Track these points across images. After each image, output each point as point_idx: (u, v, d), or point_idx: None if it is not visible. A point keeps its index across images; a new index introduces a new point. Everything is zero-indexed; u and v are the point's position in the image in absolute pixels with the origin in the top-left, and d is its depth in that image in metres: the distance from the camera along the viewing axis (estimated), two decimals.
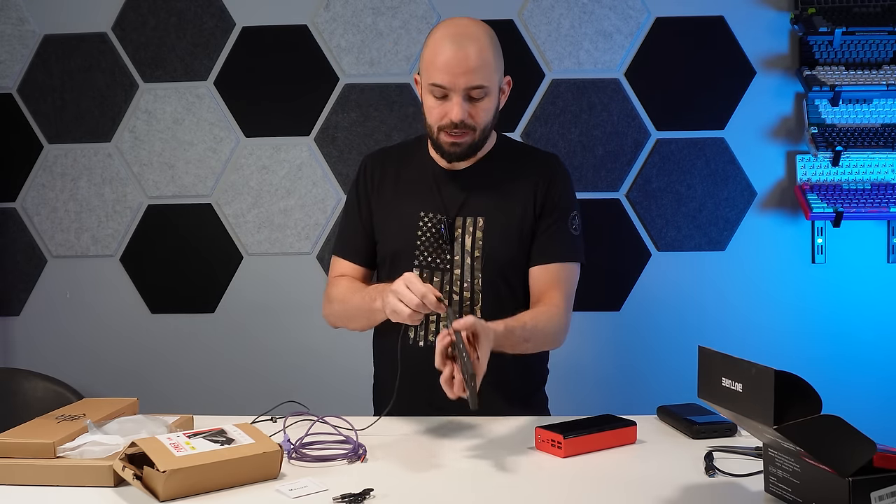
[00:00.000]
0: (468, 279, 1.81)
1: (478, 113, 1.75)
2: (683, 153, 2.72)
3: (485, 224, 1.82)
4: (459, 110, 1.73)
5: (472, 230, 1.82)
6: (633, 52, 2.72)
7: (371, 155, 1.99)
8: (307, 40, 2.77)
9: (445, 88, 1.73)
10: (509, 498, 1.31)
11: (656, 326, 2.74)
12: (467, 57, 1.71)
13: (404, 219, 1.86)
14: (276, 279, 2.81)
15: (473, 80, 1.72)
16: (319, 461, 1.47)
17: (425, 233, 1.83)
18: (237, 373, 2.82)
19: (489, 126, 1.81)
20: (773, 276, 2.71)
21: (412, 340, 1.84)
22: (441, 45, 1.73)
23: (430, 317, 1.81)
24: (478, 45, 1.72)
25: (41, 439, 1.39)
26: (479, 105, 1.75)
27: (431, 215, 1.84)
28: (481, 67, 1.72)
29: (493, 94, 1.77)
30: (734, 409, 1.19)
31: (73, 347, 2.85)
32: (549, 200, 1.85)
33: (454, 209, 1.84)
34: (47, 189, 2.84)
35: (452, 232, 1.82)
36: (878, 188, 2.64)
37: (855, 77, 2.60)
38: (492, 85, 1.75)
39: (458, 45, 1.71)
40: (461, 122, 1.73)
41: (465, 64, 1.70)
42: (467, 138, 1.77)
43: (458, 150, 1.79)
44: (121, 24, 2.80)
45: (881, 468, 1.10)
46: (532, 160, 1.91)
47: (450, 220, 1.82)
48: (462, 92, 1.72)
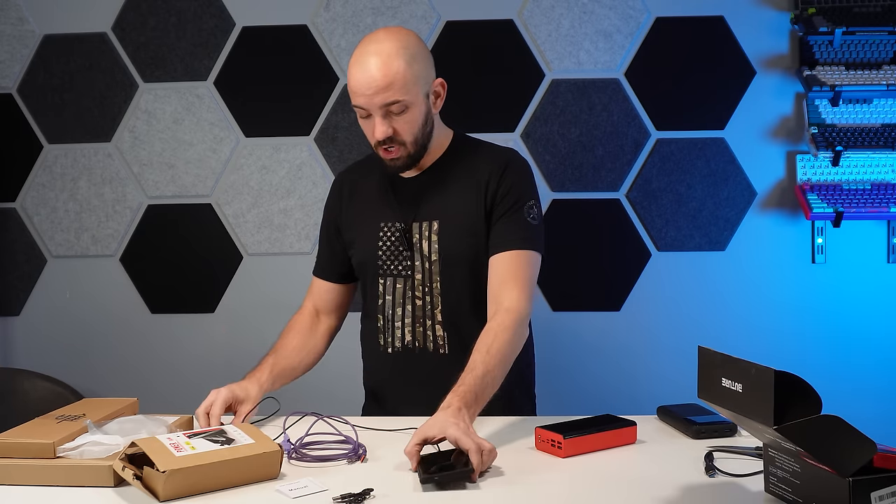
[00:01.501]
0: (427, 283, 1.82)
1: (402, 127, 1.73)
2: (683, 153, 2.72)
3: (439, 227, 1.82)
4: (381, 129, 1.72)
5: (429, 234, 1.83)
6: (633, 52, 2.72)
7: (343, 172, 2.05)
8: (307, 40, 2.77)
9: (364, 109, 1.73)
10: (509, 498, 1.31)
11: (656, 326, 2.74)
12: (374, 76, 1.67)
13: (367, 229, 1.89)
14: (276, 279, 2.81)
15: (387, 98, 1.69)
16: (319, 461, 1.47)
17: (385, 241, 1.86)
18: (237, 373, 2.80)
19: (421, 136, 1.77)
20: (773, 276, 2.71)
21: (381, 348, 1.89)
22: (352, 67, 1.71)
23: (396, 322, 1.85)
24: (383, 61, 1.68)
25: (41, 439, 1.39)
26: (401, 119, 1.72)
27: (390, 224, 1.86)
28: (392, 83, 1.68)
29: (415, 106, 1.73)
30: (734, 409, 1.19)
31: (73, 347, 2.85)
32: (501, 192, 1.81)
33: (410, 215, 1.85)
34: (47, 189, 2.84)
35: (410, 238, 1.83)
36: (878, 188, 2.64)
37: (855, 77, 2.60)
38: (410, 97, 1.71)
39: (364, 64, 1.69)
40: (387, 138, 1.73)
41: (373, 84, 1.68)
42: (401, 152, 1.76)
43: (397, 164, 1.79)
44: (121, 24, 2.80)
45: (881, 468, 1.10)
46: (483, 157, 1.87)
47: (406, 227, 1.84)
48: (379, 111, 1.71)
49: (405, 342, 1.85)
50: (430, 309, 1.83)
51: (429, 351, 1.84)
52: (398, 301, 1.84)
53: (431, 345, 1.83)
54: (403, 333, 1.85)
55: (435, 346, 1.83)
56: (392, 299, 1.85)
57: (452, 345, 1.82)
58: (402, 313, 1.84)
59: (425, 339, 1.84)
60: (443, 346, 1.83)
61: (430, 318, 1.82)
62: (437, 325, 1.82)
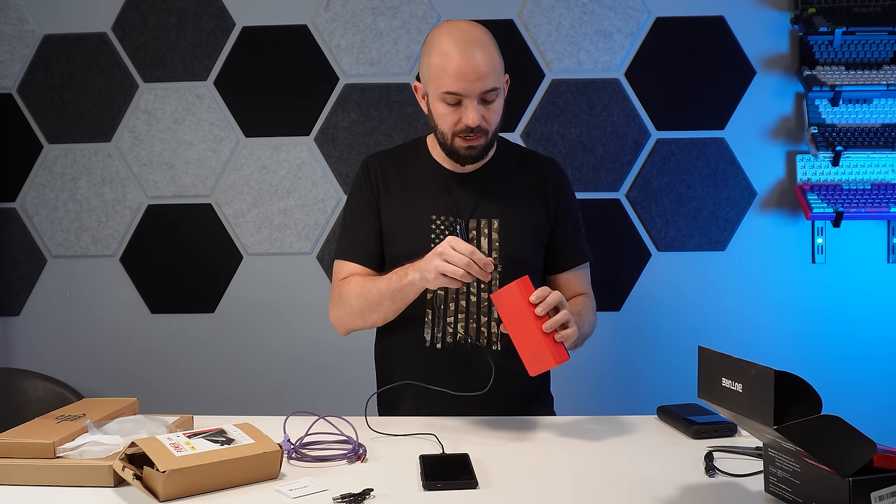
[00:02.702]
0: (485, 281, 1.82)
1: (490, 115, 1.79)
2: (683, 153, 2.72)
3: (500, 225, 1.85)
4: (476, 115, 1.75)
5: (488, 231, 1.85)
6: (633, 52, 2.72)
7: (371, 157, 1.98)
8: (307, 40, 2.77)
9: (460, 95, 1.74)
10: (510, 498, 1.31)
11: (656, 326, 2.74)
12: (479, 63, 1.73)
13: (415, 222, 1.86)
14: (276, 279, 2.81)
15: (487, 84, 1.74)
16: (319, 461, 1.47)
17: (438, 235, 1.84)
18: (237, 373, 2.82)
19: (499, 126, 1.84)
20: (773, 276, 2.71)
21: (429, 343, 1.84)
22: (451, 53, 1.74)
23: (448, 319, 1.83)
24: (485, 49, 1.75)
25: (41, 439, 1.39)
26: (491, 107, 1.78)
27: (444, 217, 1.85)
28: (492, 71, 1.74)
29: (501, 95, 1.81)
30: (734, 409, 1.19)
31: (73, 347, 2.85)
32: (563, 207, 1.93)
33: (467, 211, 1.86)
34: (47, 189, 2.84)
35: (468, 234, 1.85)
36: (878, 188, 2.64)
37: (855, 77, 2.60)
38: (501, 85, 1.80)
39: (468, 51, 1.73)
40: (477, 126, 1.76)
41: (478, 70, 1.72)
42: (482, 141, 1.80)
43: (474, 152, 1.81)
44: (121, 24, 2.80)
45: (881, 468, 1.10)
46: (536, 164, 1.97)
47: (465, 222, 1.85)
48: (477, 97, 1.75)
49: (457, 338, 1.84)
50: (486, 305, 1.83)
51: (481, 347, 1.83)
52: (451, 296, 1.84)
53: (485, 341, 1.84)
54: (456, 329, 1.84)
55: (489, 342, 1.84)
56: (445, 294, 1.84)
57: (505, 341, 1.82)
58: (455, 308, 1.84)
59: (478, 335, 1.84)
60: (496, 342, 1.84)
61: (485, 315, 1.83)
62: (492, 322, 1.84)
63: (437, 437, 1.56)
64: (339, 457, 1.48)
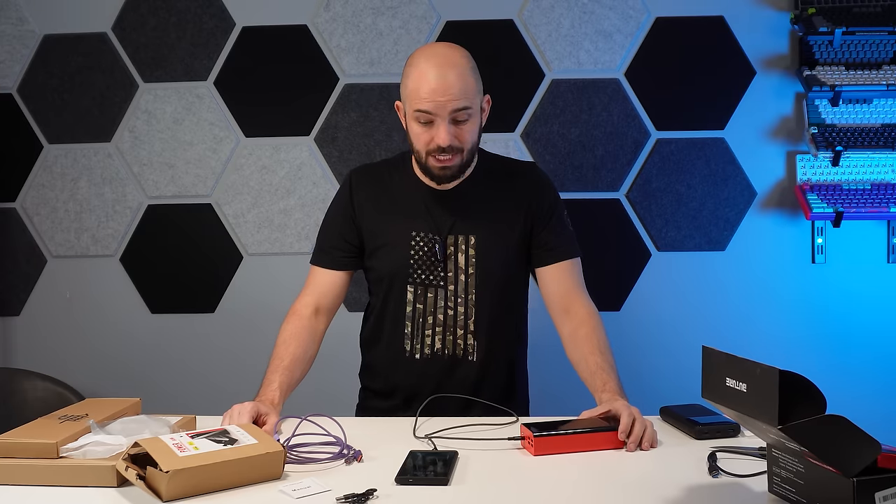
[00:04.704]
0: (462, 295, 1.88)
1: (463, 135, 1.81)
2: (683, 153, 2.72)
3: (476, 242, 1.88)
4: (446, 135, 1.78)
5: (465, 248, 1.88)
6: (633, 52, 2.72)
7: (356, 171, 2.02)
8: (307, 40, 2.77)
9: (431, 114, 1.77)
10: (510, 498, 1.31)
11: (656, 326, 2.74)
12: (451, 83, 1.76)
13: (396, 238, 1.90)
14: (276, 279, 2.81)
15: (458, 104, 1.77)
16: (312, 462, 1.46)
17: (418, 252, 1.89)
18: (237, 373, 2.81)
19: (475, 146, 1.86)
20: (774, 276, 2.72)
21: (408, 353, 1.91)
22: (426, 74, 1.77)
23: (426, 330, 1.89)
24: (459, 71, 1.77)
25: (44, 439, 1.39)
26: (463, 127, 1.80)
27: (423, 234, 1.89)
28: (463, 91, 1.77)
29: (476, 115, 1.82)
30: (738, 410, 1.19)
31: (73, 347, 2.85)
32: (542, 207, 1.93)
33: (445, 228, 1.89)
34: (47, 189, 2.84)
35: (445, 251, 1.88)
36: (878, 188, 2.64)
37: (855, 77, 2.60)
38: (475, 106, 1.81)
39: (442, 72, 1.76)
40: (449, 145, 1.78)
41: (449, 90, 1.76)
42: (456, 160, 1.82)
43: (448, 172, 1.84)
44: (121, 24, 2.80)
45: (885, 468, 1.10)
46: (515, 176, 1.96)
47: (442, 240, 1.88)
48: (448, 116, 1.77)
49: (434, 349, 1.89)
50: (462, 319, 1.89)
51: (458, 357, 1.89)
52: (430, 310, 1.89)
53: (461, 352, 1.89)
54: (433, 341, 1.89)
55: (465, 353, 1.89)
56: (423, 308, 1.89)
57: (480, 353, 1.89)
58: (433, 321, 1.89)
59: (455, 346, 1.89)
60: (472, 353, 1.89)
61: (461, 328, 1.89)
62: (468, 335, 1.89)
63: (430, 439, 1.56)
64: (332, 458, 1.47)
